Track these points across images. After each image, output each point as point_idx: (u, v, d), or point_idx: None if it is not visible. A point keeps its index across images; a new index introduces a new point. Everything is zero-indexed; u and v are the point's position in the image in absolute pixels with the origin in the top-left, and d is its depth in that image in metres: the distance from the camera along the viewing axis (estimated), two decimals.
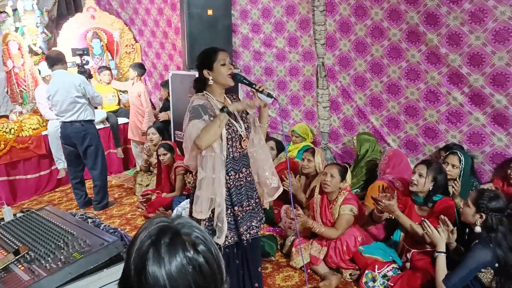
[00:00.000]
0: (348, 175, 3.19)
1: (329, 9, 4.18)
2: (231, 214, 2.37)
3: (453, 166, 3.22)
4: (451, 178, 3.15)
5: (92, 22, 6.27)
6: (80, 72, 4.44)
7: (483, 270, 2.27)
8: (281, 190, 2.54)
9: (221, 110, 2.21)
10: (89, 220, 2.42)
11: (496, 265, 2.21)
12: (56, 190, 5.16)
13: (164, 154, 4.25)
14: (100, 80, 5.84)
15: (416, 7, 3.51)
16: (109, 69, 5.93)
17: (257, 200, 2.51)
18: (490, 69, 3.28)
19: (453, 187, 3.02)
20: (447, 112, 3.63)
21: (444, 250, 2.40)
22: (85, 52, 4.70)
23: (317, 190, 3.25)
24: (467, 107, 3.50)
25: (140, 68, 5.50)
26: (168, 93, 5.06)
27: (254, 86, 2.34)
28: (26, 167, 4.92)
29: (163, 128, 4.99)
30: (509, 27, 3.12)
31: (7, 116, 5.31)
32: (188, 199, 3.92)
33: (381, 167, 3.64)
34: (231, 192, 2.35)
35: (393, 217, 2.94)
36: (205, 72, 2.32)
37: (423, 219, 2.54)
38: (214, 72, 2.30)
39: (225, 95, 2.42)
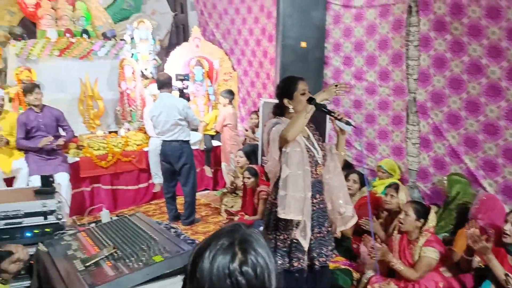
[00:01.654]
0: (431, 216, 3.04)
1: (423, 44, 4.10)
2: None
3: None
4: None
5: (196, 50, 6.83)
6: (180, 96, 4.85)
7: None
8: (355, 219, 2.52)
9: (309, 101, 2.25)
10: (172, 230, 2.63)
11: None
12: (151, 202, 5.60)
13: (248, 178, 4.43)
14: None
15: None
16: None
17: (328, 229, 2.52)
18: None
19: None
20: None
21: None
22: (186, 77, 5.15)
23: (395, 230, 3.15)
24: None
25: (229, 94, 5.84)
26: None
27: (332, 113, 2.36)
28: (128, 178, 5.43)
29: (250, 152, 5.20)
30: None
31: (116, 132, 5.95)
32: None
33: (472, 212, 3.39)
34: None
35: (483, 266, 2.73)
36: (285, 100, 2.41)
37: None
38: (294, 101, 2.38)
39: None
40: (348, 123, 2.35)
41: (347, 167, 4.49)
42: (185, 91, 4.94)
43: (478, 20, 3.59)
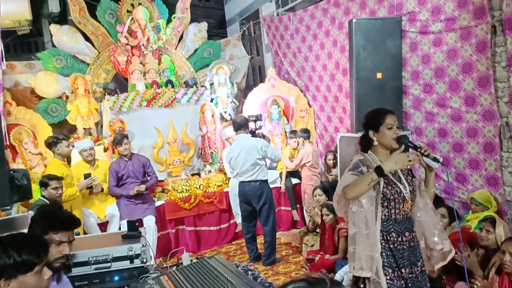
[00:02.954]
0: None
1: None
2: (399, 276, 2.29)
3: None
4: None
5: (272, 90, 6.99)
6: (253, 136, 4.95)
7: None
8: (453, 253, 2.39)
9: (376, 170, 2.21)
10: (249, 272, 2.62)
11: None
12: (232, 242, 5.67)
13: (327, 215, 4.31)
14: (288, 143, 6.24)
15: None
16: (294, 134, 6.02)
17: (422, 268, 2.38)
18: None
19: None
20: None
21: None
22: (258, 118, 5.25)
23: (493, 269, 2.82)
24: None
25: (303, 132, 5.79)
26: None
27: (419, 150, 2.30)
28: (210, 219, 5.57)
29: (329, 189, 5.07)
30: None
31: (199, 174, 6.20)
32: None
33: None
34: (394, 254, 2.30)
35: None
36: (371, 132, 2.38)
37: None
38: (380, 134, 2.35)
39: None
40: (435, 160, 2.26)
41: (435, 201, 4.17)
42: (257, 131, 5.03)
43: None
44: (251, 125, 5.07)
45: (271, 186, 5.03)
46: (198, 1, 11.52)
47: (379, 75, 4.69)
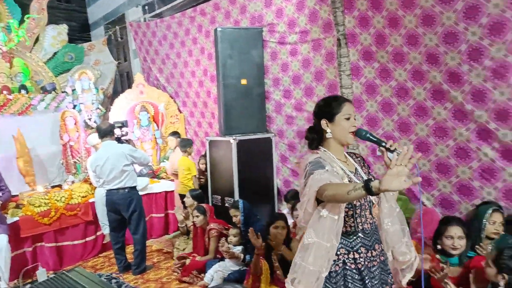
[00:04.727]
0: None
1: (354, 73, 4.33)
2: None
3: (501, 223, 3.09)
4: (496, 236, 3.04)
5: (140, 96, 6.85)
6: (119, 143, 4.81)
7: None
8: (418, 260, 2.06)
9: (365, 183, 1.66)
10: (113, 281, 2.54)
11: None
12: (100, 255, 5.35)
13: (197, 216, 4.38)
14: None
15: (438, 67, 3.57)
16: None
17: (393, 287, 2.06)
18: None
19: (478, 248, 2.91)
20: (479, 168, 3.51)
21: None
22: (124, 124, 5.12)
23: None
24: (499, 163, 3.37)
25: (175, 134, 5.79)
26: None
27: (383, 144, 1.86)
28: (74, 233, 5.17)
29: (198, 194, 5.08)
30: None
31: (60, 186, 5.74)
32: (220, 262, 3.99)
33: (413, 226, 3.52)
34: (363, 276, 1.90)
35: None
36: (323, 122, 1.98)
37: None
38: (335, 124, 1.96)
39: (346, 153, 2.09)
40: None
41: None
42: (123, 138, 4.90)
43: (400, 48, 3.84)
44: (117, 131, 4.90)
45: (140, 193, 4.90)
46: (57, 3, 10.72)
47: (244, 82, 4.96)
